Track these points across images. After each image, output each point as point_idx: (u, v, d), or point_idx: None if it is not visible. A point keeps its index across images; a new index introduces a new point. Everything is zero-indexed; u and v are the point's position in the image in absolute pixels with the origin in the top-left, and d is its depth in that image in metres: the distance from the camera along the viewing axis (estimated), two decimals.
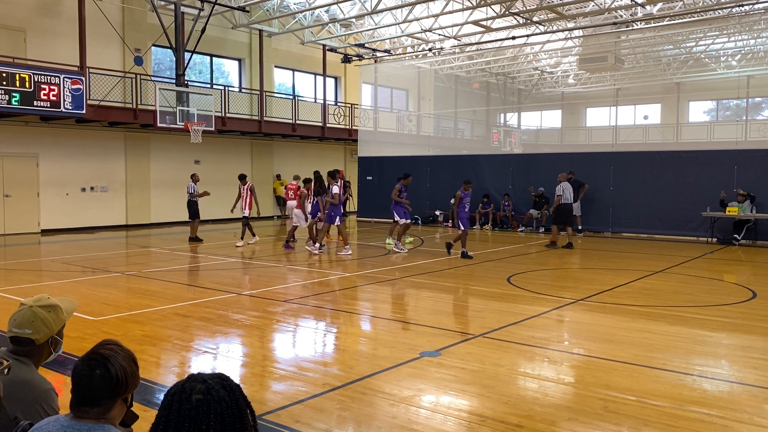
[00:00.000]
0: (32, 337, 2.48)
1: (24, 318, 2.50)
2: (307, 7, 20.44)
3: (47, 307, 2.54)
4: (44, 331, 2.51)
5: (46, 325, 2.51)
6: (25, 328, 2.48)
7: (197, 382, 1.55)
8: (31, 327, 2.48)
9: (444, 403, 4.62)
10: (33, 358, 2.52)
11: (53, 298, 2.61)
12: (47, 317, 2.52)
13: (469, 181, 13.24)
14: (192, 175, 16.30)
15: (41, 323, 2.50)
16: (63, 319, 2.59)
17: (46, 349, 2.56)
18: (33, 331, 2.48)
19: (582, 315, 7.77)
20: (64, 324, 2.61)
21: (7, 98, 14.93)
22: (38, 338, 2.49)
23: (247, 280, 10.54)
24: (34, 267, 11.91)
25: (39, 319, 2.50)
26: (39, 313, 2.51)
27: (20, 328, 2.49)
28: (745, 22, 22.47)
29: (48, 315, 2.53)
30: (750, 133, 28.77)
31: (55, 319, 2.54)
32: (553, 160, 19.36)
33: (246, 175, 15.74)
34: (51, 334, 2.53)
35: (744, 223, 15.36)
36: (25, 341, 2.49)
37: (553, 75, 34.03)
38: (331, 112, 25.44)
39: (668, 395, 4.70)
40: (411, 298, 9.21)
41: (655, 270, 11.17)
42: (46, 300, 2.57)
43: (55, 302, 2.59)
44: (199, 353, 6.07)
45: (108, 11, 17.96)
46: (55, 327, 2.55)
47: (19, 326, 2.49)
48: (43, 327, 2.50)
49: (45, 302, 2.56)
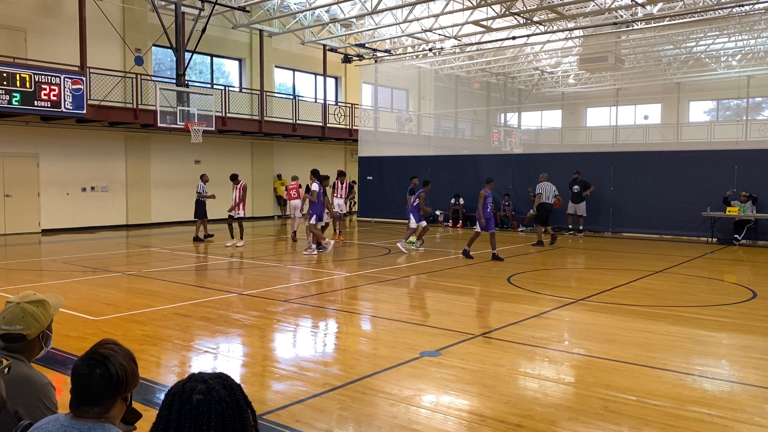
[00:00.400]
0: (24, 332, 2.51)
1: (13, 315, 2.52)
2: (308, 7, 20.45)
3: (35, 302, 2.57)
4: (35, 326, 2.53)
5: (36, 320, 2.54)
6: (16, 324, 2.50)
7: (198, 382, 1.55)
8: (21, 323, 2.51)
9: (444, 402, 4.62)
10: (25, 354, 2.54)
11: (39, 294, 2.63)
12: (36, 312, 2.55)
13: (491, 179, 12.82)
14: (201, 176, 16.45)
15: (31, 318, 2.52)
16: (51, 314, 2.62)
17: (38, 345, 2.59)
18: (24, 326, 2.51)
19: (582, 315, 7.77)
20: (52, 319, 2.64)
21: (8, 98, 14.93)
22: (29, 333, 2.52)
23: (248, 279, 10.53)
24: (34, 267, 11.92)
25: (29, 314, 2.52)
26: (28, 308, 2.54)
27: (10, 324, 2.50)
28: (746, 22, 22.47)
29: (37, 310, 2.55)
30: (750, 133, 28.78)
31: (44, 314, 2.57)
32: (553, 160, 19.36)
33: (237, 175, 15.72)
34: (41, 329, 2.56)
35: (744, 223, 15.37)
36: (16, 337, 2.51)
37: (553, 75, 34.03)
38: (331, 112, 25.46)
39: (668, 395, 4.70)
40: (411, 298, 9.21)
41: (656, 270, 11.17)
42: (33, 296, 2.60)
43: (42, 297, 2.61)
44: (199, 353, 6.07)
45: (108, 11, 17.96)
46: (44, 321, 2.58)
47: (9, 323, 2.51)
48: (33, 322, 2.53)
49: (32, 298, 2.58)
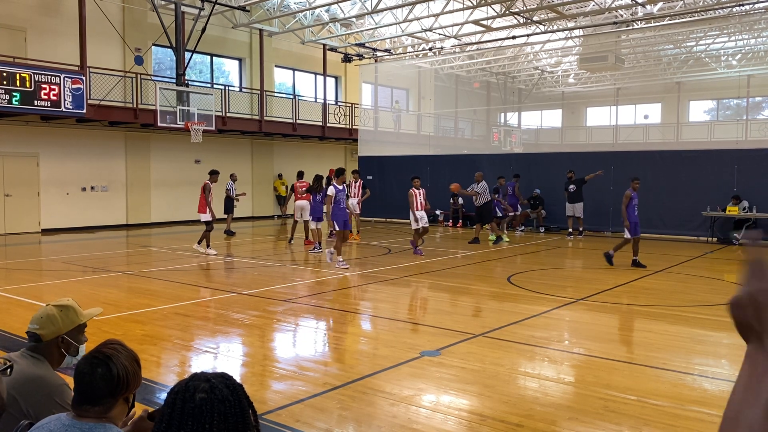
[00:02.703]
0: (38, 332, 2.55)
1: (37, 314, 2.59)
2: (308, 6, 20.45)
3: (59, 306, 2.61)
4: (50, 327, 2.56)
5: (52, 322, 2.56)
6: (35, 324, 2.57)
7: (201, 381, 1.56)
8: (38, 323, 2.56)
9: (444, 402, 4.63)
10: (47, 357, 2.58)
11: (71, 300, 2.68)
12: (55, 315, 2.58)
13: (637, 178, 11.67)
14: (231, 175, 17.25)
15: (48, 320, 2.56)
16: (74, 320, 2.62)
17: (56, 349, 2.60)
18: (39, 326, 2.55)
19: (582, 314, 7.77)
20: (77, 326, 2.63)
21: (8, 98, 14.93)
22: (43, 334, 2.55)
23: (248, 279, 10.53)
24: (34, 266, 11.92)
25: (47, 315, 2.57)
26: (50, 310, 2.59)
27: (32, 323, 2.58)
28: (746, 22, 22.46)
29: (57, 313, 2.58)
30: (750, 133, 28.76)
31: (63, 318, 2.58)
32: (553, 160, 19.36)
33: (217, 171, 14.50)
34: (58, 333, 2.57)
35: (743, 222, 15.37)
36: (33, 337, 2.57)
37: (553, 74, 34.01)
38: (331, 111, 25.45)
39: (668, 395, 4.71)
40: (411, 298, 9.21)
41: (656, 269, 11.18)
42: (62, 301, 2.65)
43: (68, 303, 2.64)
44: (199, 353, 6.07)
45: (108, 11, 17.95)
46: (62, 326, 2.58)
47: (32, 321, 2.58)
48: (49, 324, 2.56)
49: (59, 302, 2.64)
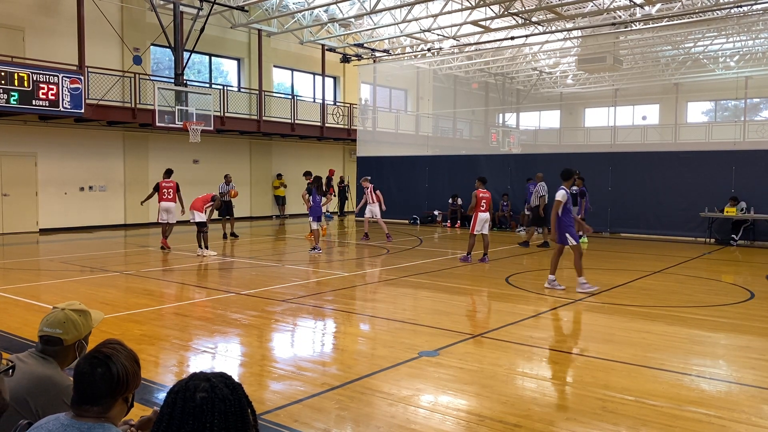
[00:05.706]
0: (62, 337, 2.60)
1: (56, 319, 2.62)
2: (306, 6, 20.44)
3: (78, 311, 2.68)
4: (73, 332, 2.62)
5: (75, 327, 2.63)
6: (56, 328, 2.60)
7: (201, 381, 1.56)
8: (62, 327, 2.60)
9: (442, 402, 4.63)
10: (58, 359, 2.63)
11: (83, 304, 2.74)
12: (78, 320, 2.65)
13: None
14: (225, 176, 17.24)
15: (71, 325, 2.62)
16: (90, 326, 2.72)
17: (72, 353, 2.66)
18: (63, 331, 2.60)
19: (580, 315, 7.79)
20: (90, 331, 2.73)
21: (6, 97, 14.91)
22: (67, 339, 2.61)
23: (246, 279, 10.53)
24: (32, 266, 11.91)
25: (70, 320, 2.62)
26: (71, 315, 2.64)
27: (51, 327, 2.61)
28: (744, 23, 22.50)
29: (79, 318, 2.66)
30: (748, 134, 28.79)
31: (84, 324, 2.67)
32: (551, 161, 19.35)
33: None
34: (79, 337, 2.66)
35: (741, 223, 15.40)
36: (54, 341, 2.60)
37: (551, 75, 34.05)
38: (329, 111, 25.45)
39: (666, 395, 4.72)
40: (410, 298, 9.21)
41: (654, 270, 11.19)
42: (78, 305, 2.71)
43: (85, 308, 2.72)
44: (197, 353, 6.07)
45: (107, 10, 17.93)
46: (83, 331, 2.67)
47: (50, 326, 2.61)
48: (72, 329, 2.62)
49: (77, 307, 2.70)
